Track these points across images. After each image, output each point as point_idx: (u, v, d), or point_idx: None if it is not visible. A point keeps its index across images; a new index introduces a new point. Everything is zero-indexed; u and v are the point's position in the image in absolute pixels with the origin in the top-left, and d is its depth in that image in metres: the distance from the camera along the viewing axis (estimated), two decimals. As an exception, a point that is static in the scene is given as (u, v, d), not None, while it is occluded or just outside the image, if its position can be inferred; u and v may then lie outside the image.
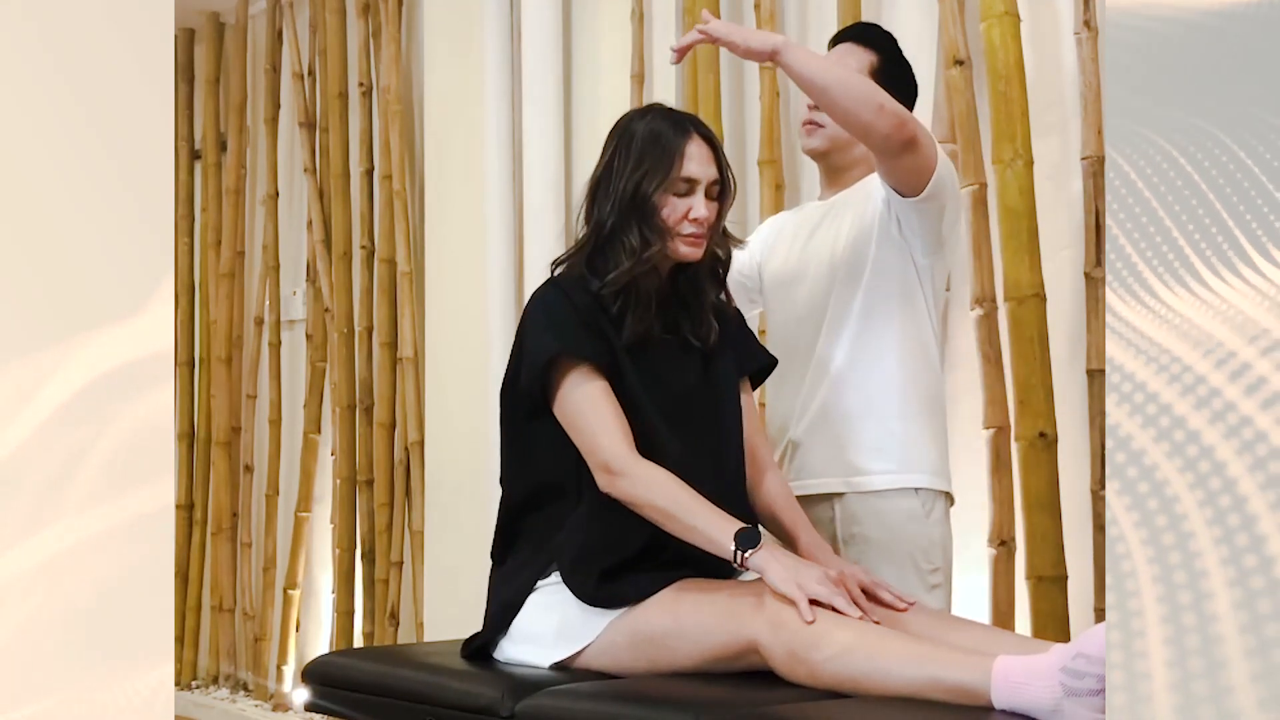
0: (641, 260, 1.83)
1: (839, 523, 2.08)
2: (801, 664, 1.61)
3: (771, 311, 2.27)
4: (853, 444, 2.08)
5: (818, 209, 2.25)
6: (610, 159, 1.88)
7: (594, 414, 1.79)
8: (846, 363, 2.09)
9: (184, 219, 4.74)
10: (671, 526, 1.75)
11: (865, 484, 2.07)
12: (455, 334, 3.51)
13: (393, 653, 2.32)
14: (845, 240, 2.12)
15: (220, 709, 4.21)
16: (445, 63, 3.60)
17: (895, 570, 2.02)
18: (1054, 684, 1.43)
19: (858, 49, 2.16)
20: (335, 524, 3.98)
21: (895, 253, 2.07)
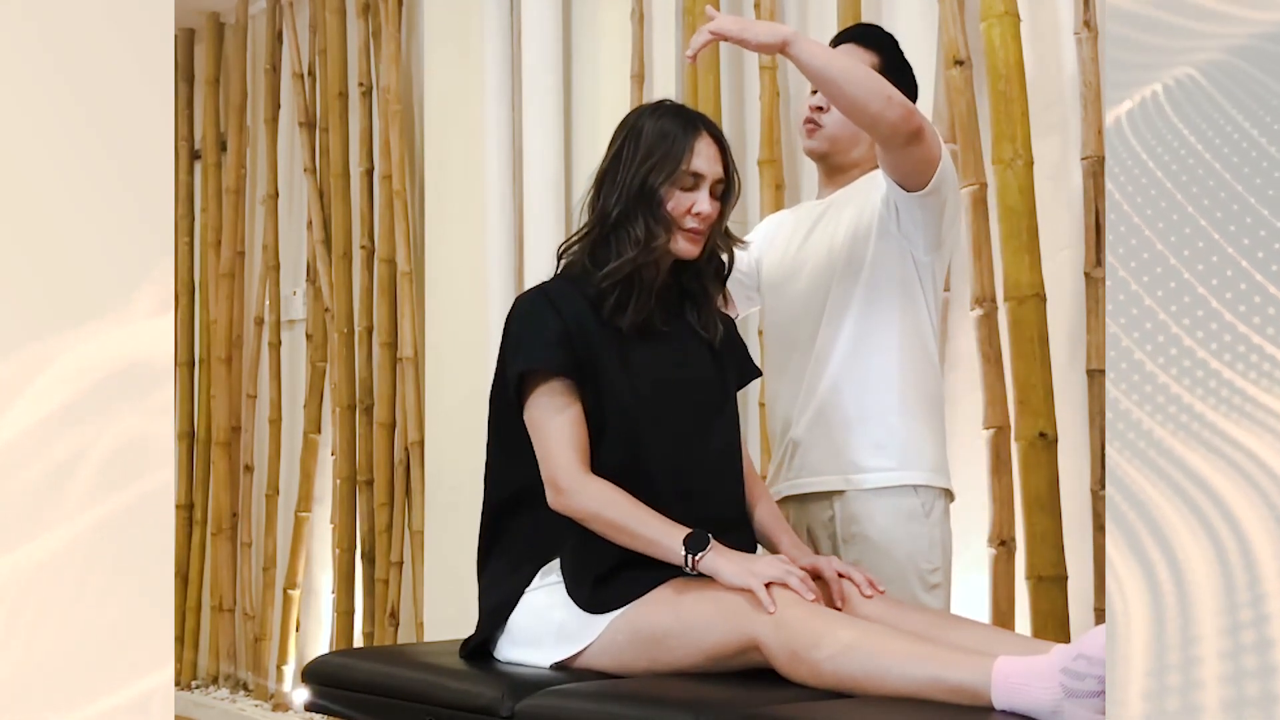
0: (645, 250, 1.85)
1: (839, 522, 2.08)
2: (802, 662, 1.62)
3: (770, 309, 2.27)
4: (853, 442, 2.08)
5: (816, 206, 2.25)
6: (619, 151, 1.90)
7: (549, 430, 1.82)
8: (845, 358, 2.09)
9: (184, 219, 4.74)
10: (621, 539, 1.78)
11: (865, 481, 2.07)
12: (455, 334, 3.51)
13: (392, 653, 2.32)
14: (844, 236, 2.12)
15: (220, 709, 4.21)
16: (445, 63, 3.60)
17: (895, 570, 2.02)
18: (1054, 685, 1.44)
19: (859, 50, 2.15)
20: (335, 524, 3.98)
21: (895, 249, 2.07)
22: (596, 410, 1.84)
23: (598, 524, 1.79)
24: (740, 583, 1.69)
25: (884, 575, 1.94)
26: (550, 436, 1.82)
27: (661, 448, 1.85)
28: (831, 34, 2.74)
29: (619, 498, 1.79)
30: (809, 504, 2.11)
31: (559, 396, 1.83)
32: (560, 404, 1.83)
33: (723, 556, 1.73)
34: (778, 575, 1.69)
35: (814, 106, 2.16)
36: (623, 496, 1.79)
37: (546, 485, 1.82)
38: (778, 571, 1.69)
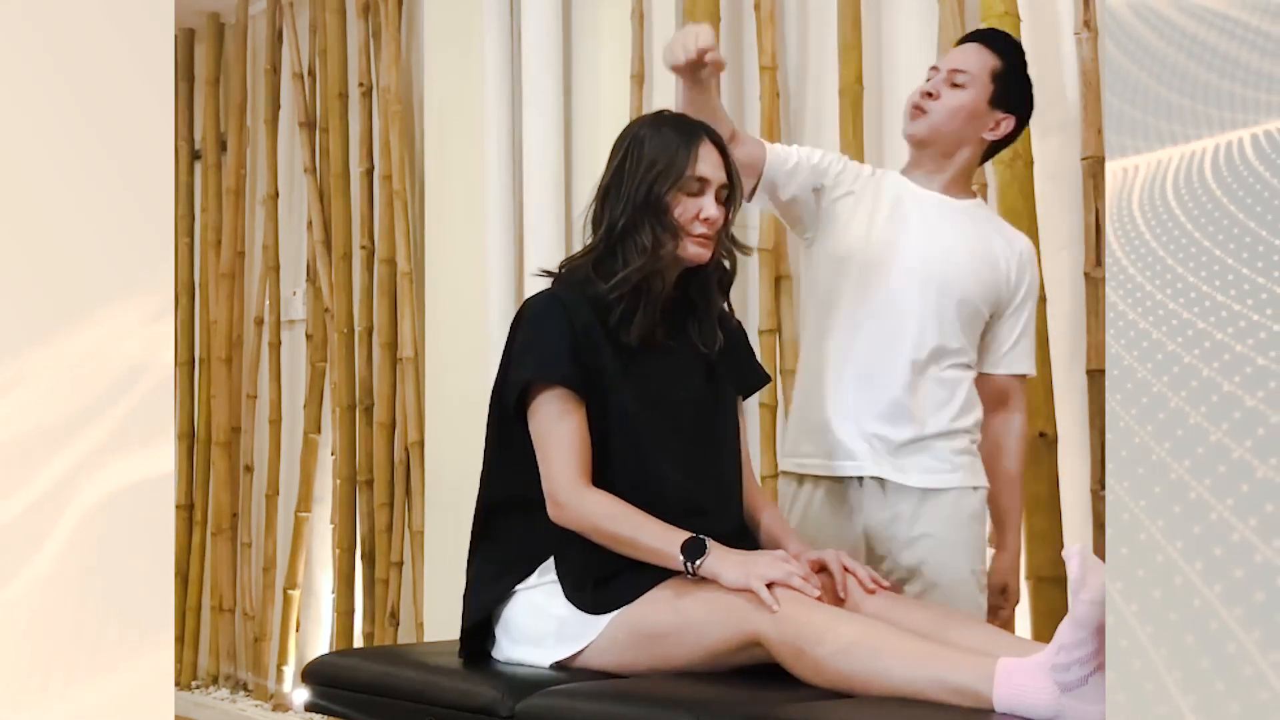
0: (653, 258, 1.84)
1: (906, 521, 2.07)
2: (806, 658, 1.62)
3: (844, 261, 2.14)
4: (933, 448, 2.08)
5: (933, 198, 2.15)
6: (621, 163, 1.89)
7: (550, 441, 1.82)
8: (944, 381, 2.09)
9: (184, 219, 4.73)
10: (620, 548, 1.78)
11: (946, 482, 2.07)
12: (455, 334, 3.51)
13: (393, 653, 2.32)
14: (979, 267, 2.10)
15: (220, 709, 4.21)
16: (445, 63, 3.60)
17: (955, 572, 2.05)
18: (1049, 685, 1.44)
19: (984, 50, 2.13)
20: (335, 524, 3.98)
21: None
22: (599, 421, 1.84)
23: (597, 536, 1.79)
24: (742, 586, 1.69)
25: (947, 577, 2.03)
26: (551, 447, 1.82)
27: (665, 462, 1.85)
28: (831, 33, 2.75)
29: (617, 509, 1.79)
30: (899, 494, 2.09)
31: (562, 404, 1.83)
32: (563, 413, 1.82)
33: (722, 560, 1.73)
34: (779, 576, 1.69)
35: (924, 92, 2.12)
36: (620, 507, 1.79)
37: (546, 497, 1.82)
38: (779, 572, 1.69)
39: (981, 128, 2.13)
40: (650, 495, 1.81)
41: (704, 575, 1.73)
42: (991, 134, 2.14)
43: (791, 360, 2.76)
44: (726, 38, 2.97)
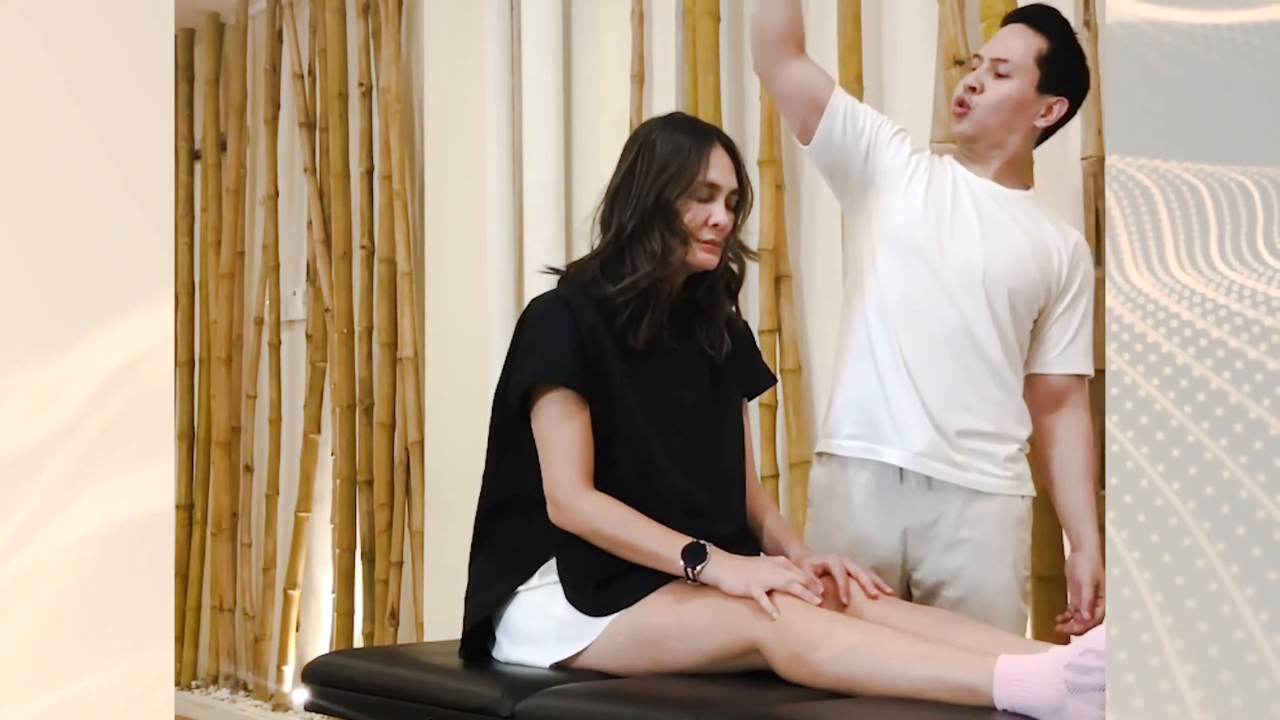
0: (662, 264, 1.84)
1: (951, 523, 2.03)
2: (803, 664, 1.62)
3: (892, 239, 2.07)
4: (987, 449, 2.04)
5: (987, 187, 2.09)
6: (632, 165, 1.89)
7: (553, 443, 1.82)
8: (997, 376, 2.04)
9: (184, 219, 4.73)
10: (621, 552, 1.78)
11: (996, 487, 2.04)
12: (455, 334, 3.51)
13: (392, 653, 2.32)
14: (1031, 259, 2.05)
15: (220, 709, 4.21)
16: (445, 63, 3.60)
17: (1000, 579, 2.04)
18: (1058, 681, 1.44)
19: (1029, 31, 2.07)
20: (335, 524, 3.98)
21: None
22: (603, 423, 1.84)
23: (597, 539, 1.79)
24: (742, 592, 1.69)
25: (991, 583, 2.03)
26: (553, 449, 1.82)
27: (668, 464, 1.85)
28: (831, 32, 2.74)
29: (617, 513, 1.79)
30: (943, 492, 2.04)
31: (565, 406, 1.83)
32: (566, 414, 1.82)
33: (723, 566, 1.73)
34: (779, 583, 1.68)
35: (968, 86, 2.07)
36: (621, 511, 1.79)
37: (547, 499, 1.82)
38: (779, 579, 1.69)
39: (1032, 115, 2.07)
40: (652, 497, 1.81)
41: (704, 581, 1.73)
42: (1044, 120, 2.09)
43: (792, 360, 2.76)
44: (726, 38, 2.97)
